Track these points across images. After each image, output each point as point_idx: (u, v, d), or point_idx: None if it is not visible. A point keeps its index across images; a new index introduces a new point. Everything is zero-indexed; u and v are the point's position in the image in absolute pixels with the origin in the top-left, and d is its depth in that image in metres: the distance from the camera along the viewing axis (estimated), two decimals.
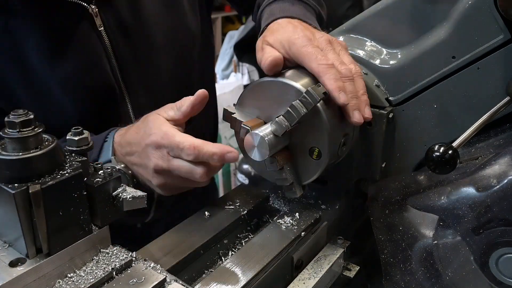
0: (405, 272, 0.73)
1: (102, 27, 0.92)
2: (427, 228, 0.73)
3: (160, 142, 0.74)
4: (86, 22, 0.90)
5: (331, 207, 0.85)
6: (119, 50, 0.95)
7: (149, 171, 0.76)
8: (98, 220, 0.56)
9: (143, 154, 0.76)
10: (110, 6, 0.93)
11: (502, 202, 0.63)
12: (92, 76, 0.93)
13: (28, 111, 0.51)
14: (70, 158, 0.54)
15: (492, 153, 0.69)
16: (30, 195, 0.48)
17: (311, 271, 0.74)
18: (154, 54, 1.01)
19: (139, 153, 0.77)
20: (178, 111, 0.78)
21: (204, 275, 0.70)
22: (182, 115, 0.78)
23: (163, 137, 0.74)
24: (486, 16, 0.70)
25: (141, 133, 0.78)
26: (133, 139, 0.80)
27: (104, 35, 0.92)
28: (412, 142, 0.81)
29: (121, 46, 0.95)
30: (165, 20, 1.01)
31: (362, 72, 0.76)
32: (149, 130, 0.76)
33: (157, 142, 0.74)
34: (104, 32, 0.92)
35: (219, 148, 0.71)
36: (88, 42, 0.91)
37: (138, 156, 0.78)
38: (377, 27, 0.83)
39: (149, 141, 0.75)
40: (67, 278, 0.53)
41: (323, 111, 0.69)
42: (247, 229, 0.80)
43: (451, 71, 0.75)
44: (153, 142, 0.74)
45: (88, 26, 0.91)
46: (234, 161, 0.73)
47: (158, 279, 0.55)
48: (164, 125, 0.76)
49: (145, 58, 1.00)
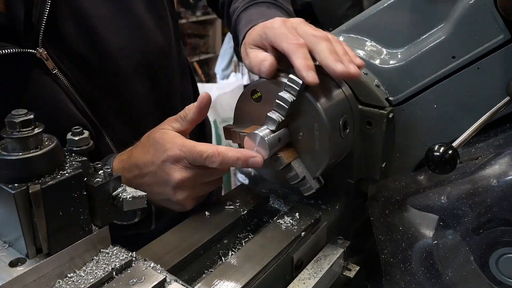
0: (405, 272, 0.73)
1: (56, 70, 0.83)
2: (427, 228, 0.73)
3: (179, 155, 0.72)
4: (37, 69, 0.81)
5: (331, 207, 0.85)
6: (83, 88, 0.88)
7: (169, 187, 0.74)
8: (98, 220, 0.56)
9: (160, 172, 0.73)
10: (60, 44, 0.84)
11: (502, 202, 0.63)
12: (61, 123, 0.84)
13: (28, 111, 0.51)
14: (70, 158, 0.54)
15: (492, 153, 0.69)
16: (30, 195, 0.48)
17: (311, 271, 0.74)
18: (124, 82, 0.93)
19: (154, 172, 0.74)
20: (184, 121, 0.76)
21: (204, 275, 0.70)
22: (189, 124, 0.76)
23: (182, 150, 0.72)
24: (486, 16, 0.70)
25: (151, 152, 0.75)
26: (142, 159, 0.76)
27: (61, 77, 0.84)
28: (412, 142, 0.81)
29: (83, 84, 0.88)
30: (129, 44, 0.92)
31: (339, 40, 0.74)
32: (161, 146, 0.74)
33: (176, 155, 0.72)
34: (60, 73, 0.84)
35: (243, 153, 0.71)
36: (45, 89, 0.83)
37: (153, 176, 0.75)
38: (377, 27, 0.83)
39: (166, 157, 0.72)
40: (67, 278, 0.53)
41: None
42: (247, 229, 0.80)
43: (451, 71, 0.75)
44: (171, 156, 0.72)
45: (41, 72, 0.82)
46: (257, 166, 0.71)
47: (158, 279, 0.55)
48: (177, 138, 0.74)
49: (115, 89, 0.92)
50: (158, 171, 0.74)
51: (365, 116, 0.79)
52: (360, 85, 0.79)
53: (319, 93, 0.70)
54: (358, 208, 0.93)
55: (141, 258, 0.59)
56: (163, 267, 0.59)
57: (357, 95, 0.79)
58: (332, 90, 0.73)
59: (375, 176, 0.83)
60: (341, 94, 0.74)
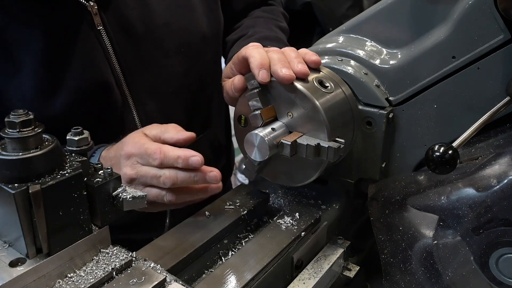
0: (405, 272, 0.73)
1: (101, 26, 0.87)
2: (427, 228, 0.73)
3: (130, 151, 0.77)
4: (84, 21, 0.86)
5: (331, 207, 0.85)
6: (122, 53, 0.90)
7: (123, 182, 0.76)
8: (98, 220, 0.56)
9: (116, 166, 0.78)
10: (111, 5, 0.88)
11: (502, 202, 0.63)
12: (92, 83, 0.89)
13: (28, 111, 0.51)
14: (70, 158, 0.54)
15: (492, 153, 0.69)
16: (30, 195, 0.48)
17: (311, 271, 0.74)
18: (163, 58, 0.96)
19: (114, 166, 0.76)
20: (161, 134, 0.79)
21: (204, 275, 0.70)
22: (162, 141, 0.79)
23: (133, 146, 0.77)
24: (486, 16, 0.70)
25: (118, 147, 0.81)
26: (112, 153, 0.82)
27: (105, 36, 0.88)
28: (412, 142, 0.81)
29: (124, 49, 0.90)
30: (176, 23, 0.97)
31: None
32: (123, 143, 0.79)
33: (129, 151, 0.77)
34: (104, 31, 0.88)
35: (184, 152, 0.74)
36: (86, 43, 0.87)
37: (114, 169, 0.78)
38: (377, 27, 0.83)
39: (123, 152, 0.78)
40: (67, 278, 0.53)
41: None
42: (247, 229, 0.80)
43: (451, 71, 0.75)
44: (125, 152, 0.77)
45: (86, 25, 0.86)
46: (197, 165, 0.74)
47: (158, 279, 0.55)
48: (137, 137, 0.78)
49: (153, 63, 0.95)
50: (116, 165, 0.78)
51: (365, 116, 0.79)
52: (360, 85, 0.79)
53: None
54: (358, 208, 0.93)
55: (141, 258, 0.59)
56: (163, 267, 0.59)
57: (357, 95, 0.79)
58: None
59: (375, 176, 0.83)
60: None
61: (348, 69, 0.80)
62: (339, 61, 0.81)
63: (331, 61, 0.81)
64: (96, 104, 0.92)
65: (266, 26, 1.10)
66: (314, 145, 0.68)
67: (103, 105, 0.92)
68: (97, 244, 0.57)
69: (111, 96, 0.92)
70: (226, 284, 0.62)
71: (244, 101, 0.74)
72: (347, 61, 0.81)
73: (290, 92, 0.70)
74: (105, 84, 0.90)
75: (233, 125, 0.80)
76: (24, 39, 0.84)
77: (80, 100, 0.89)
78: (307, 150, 0.69)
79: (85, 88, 0.89)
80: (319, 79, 0.73)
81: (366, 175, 0.84)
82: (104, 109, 0.93)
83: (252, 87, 0.72)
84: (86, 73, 0.88)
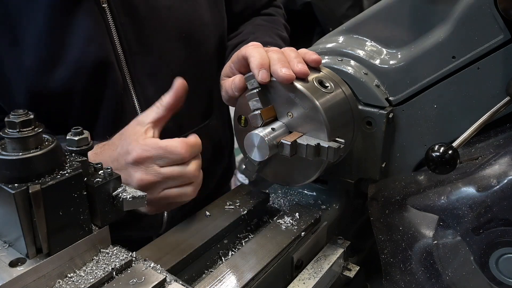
0: (405, 272, 0.73)
1: (105, 4, 0.87)
2: (427, 228, 0.73)
3: (143, 155, 0.71)
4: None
5: (331, 207, 0.85)
6: (125, 33, 0.91)
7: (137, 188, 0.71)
8: (98, 220, 0.56)
9: (124, 173, 0.72)
10: None
11: (502, 202, 0.63)
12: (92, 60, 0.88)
13: (28, 111, 0.51)
14: (70, 158, 0.54)
15: (492, 153, 0.69)
16: (30, 195, 0.48)
17: (311, 271, 0.74)
18: (165, 42, 0.97)
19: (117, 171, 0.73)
20: (160, 107, 0.76)
21: (204, 275, 0.70)
22: (165, 109, 0.76)
23: (145, 149, 0.71)
24: (486, 16, 0.70)
25: (118, 150, 0.75)
26: (109, 157, 0.76)
27: (108, 14, 0.88)
28: (412, 142, 0.81)
29: (127, 29, 0.91)
30: (179, 9, 0.98)
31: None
32: (126, 146, 0.73)
33: (140, 155, 0.71)
34: (108, 9, 0.88)
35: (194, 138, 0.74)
36: (89, 17, 0.87)
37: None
38: (377, 27, 0.83)
39: (130, 159, 0.72)
40: (67, 278, 0.53)
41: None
42: (247, 229, 0.80)
43: (451, 71, 0.75)
44: (134, 158, 0.72)
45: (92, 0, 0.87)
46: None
47: (158, 279, 0.55)
48: (141, 138, 0.73)
49: (155, 45, 0.96)
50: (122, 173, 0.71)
51: (365, 116, 0.79)
52: (360, 85, 0.79)
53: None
54: (358, 208, 0.93)
55: (141, 258, 0.59)
56: (163, 267, 0.59)
57: (357, 95, 0.79)
58: None
59: (375, 176, 0.83)
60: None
61: (348, 69, 0.80)
62: (339, 61, 0.81)
63: (331, 61, 0.82)
64: (96, 82, 0.91)
65: (266, 33, 1.12)
66: (314, 145, 0.68)
67: (103, 85, 0.92)
68: (97, 244, 0.57)
69: (111, 76, 0.92)
70: (226, 284, 0.62)
71: (244, 101, 0.74)
72: (347, 61, 0.81)
73: (290, 92, 0.70)
74: (106, 62, 0.90)
75: (233, 125, 0.80)
76: (27, 10, 0.84)
77: (80, 76, 0.89)
78: (307, 150, 0.69)
79: (85, 64, 0.89)
80: (319, 79, 0.73)
81: (366, 175, 0.84)
82: (104, 89, 0.93)
83: (252, 87, 0.72)
84: (87, 49, 0.88)
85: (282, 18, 1.27)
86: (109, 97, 0.93)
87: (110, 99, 0.93)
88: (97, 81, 0.91)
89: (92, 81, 0.90)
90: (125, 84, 0.94)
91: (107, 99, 0.93)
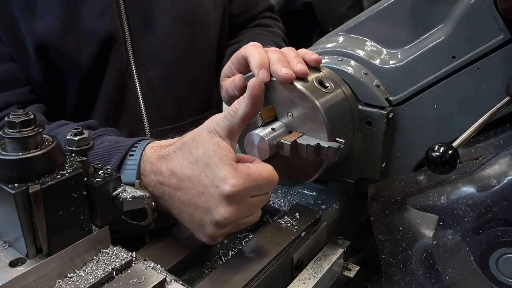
0: (405, 272, 0.73)
1: None
2: (427, 228, 0.73)
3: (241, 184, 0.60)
4: None
5: (331, 207, 0.85)
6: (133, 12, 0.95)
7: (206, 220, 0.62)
8: (98, 220, 0.56)
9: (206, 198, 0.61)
10: None
11: (502, 202, 0.63)
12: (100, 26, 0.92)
13: (28, 111, 0.51)
14: (70, 158, 0.54)
15: (492, 153, 0.69)
16: (30, 195, 0.48)
17: (311, 271, 0.74)
18: (170, 26, 1.01)
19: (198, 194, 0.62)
20: (234, 117, 0.63)
21: (204, 275, 0.70)
22: (241, 121, 0.63)
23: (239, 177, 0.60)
24: (486, 16, 0.70)
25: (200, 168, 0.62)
26: (184, 171, 0.63)
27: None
28: (412, 142, 0.81)
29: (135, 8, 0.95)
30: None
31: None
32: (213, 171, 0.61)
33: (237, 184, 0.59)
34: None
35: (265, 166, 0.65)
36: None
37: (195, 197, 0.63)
38: (377, 27, 0.83)
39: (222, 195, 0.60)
40: (67, 278, 0.53)
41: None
42: (247, 229, 0.80)
43: (451, 71, 0.75)
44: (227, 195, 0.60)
45: None
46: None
47: (158, 279, 0.55)
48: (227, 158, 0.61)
49: (160, 28, 0.99)
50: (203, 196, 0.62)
51: (365, 116, 0.79)
52: (360, 85, 0.79)
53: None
54: (358, 208, 0.93)
55: (141, 258, 0.59)
56: (163, 267, 0.59)
57: (357, 95, 0.79)
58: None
59: (375, 176, 0.83)
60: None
61: (348, 69, 0.80)
62: (339, 61, 0.81)
63: (331, 61, 0.82)
64: (102, 57, 0.94)
65: (266, 42, 1.13)
66: (314, 145, 0.68)
67: (107, 60, 0.95)
68: (97, 244, 0.57)
69: (117, 52, 0.95)
70: (226, 284, 0.62)
71: None
72: (347, 61, 0.82)
73: (290, 92, 0.70)
74: (114, 38, 0.93)
75: None
76: None
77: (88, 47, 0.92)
78: (307, 150, 0.69)
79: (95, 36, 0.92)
80: (319, 79, 0.73)
81: (366, 175, 0.84)
82: (108, 65, 0.95)
83: None
84: (99, 22, 0.92)
85: (281, 32, 1.30)
86: (112, 74, 0.96)
87: (113, 77, 0.96)
88: (103, 56, 0.94)
89: (98, 55, 0.93)
90: (128, 63, 0.97)
91: (109, 76, 0.96)
